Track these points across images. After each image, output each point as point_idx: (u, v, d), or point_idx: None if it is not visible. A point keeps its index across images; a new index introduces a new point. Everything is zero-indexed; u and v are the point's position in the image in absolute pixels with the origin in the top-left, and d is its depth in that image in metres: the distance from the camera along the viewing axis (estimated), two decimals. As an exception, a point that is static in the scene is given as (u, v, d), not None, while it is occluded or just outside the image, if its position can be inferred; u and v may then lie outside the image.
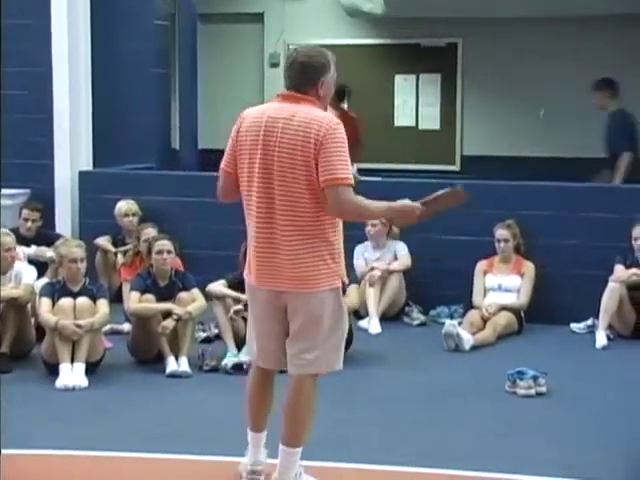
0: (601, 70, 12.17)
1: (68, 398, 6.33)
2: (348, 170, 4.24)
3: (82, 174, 9.74)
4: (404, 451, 5.20)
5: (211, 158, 11.91)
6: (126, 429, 5.72)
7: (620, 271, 8.03)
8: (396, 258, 8.73)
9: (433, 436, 5.52)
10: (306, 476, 4.63)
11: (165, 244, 7.25)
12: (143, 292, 7.14)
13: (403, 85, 12.79)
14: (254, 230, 4.37)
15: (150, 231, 8.25)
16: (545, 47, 12.39)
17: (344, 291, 4.51)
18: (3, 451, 4.72)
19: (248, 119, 4.42)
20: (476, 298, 8.33)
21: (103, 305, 6.90)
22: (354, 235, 8.68)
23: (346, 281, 4.49)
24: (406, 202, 4.48)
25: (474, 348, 7.65)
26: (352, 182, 4.25)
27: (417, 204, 4.45)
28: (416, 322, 8.61)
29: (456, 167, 13.29)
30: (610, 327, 7.99)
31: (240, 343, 7.13)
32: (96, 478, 4.98)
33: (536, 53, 12.45)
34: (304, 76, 4.35)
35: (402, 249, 8.75)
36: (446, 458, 5.12)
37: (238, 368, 6.86)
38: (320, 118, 4.25)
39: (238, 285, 7.31)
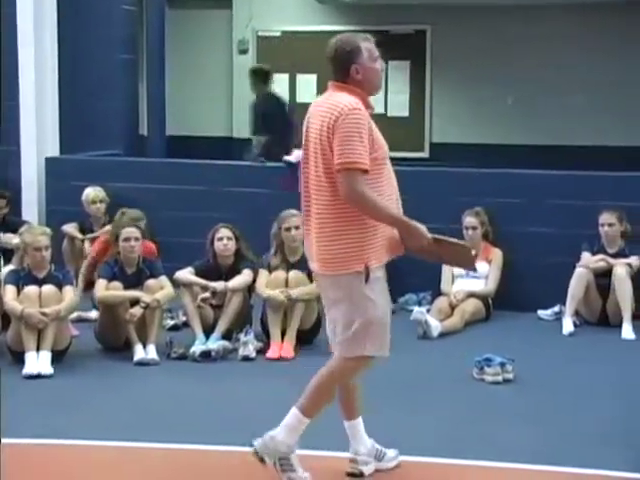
0: (570, 55, 12.28)
1: (35, 386, 6.28)
2: (359, 155, 4.26)
3: (49, 161, 9.66)
4: (374, 438, 5.19)
5: (179, 144, 11.96)
6: (94, 417, 5.69)
7: (587, 258, 8.08)
8: (365, 245, 8.72)
9: (402, 423, 5.53)
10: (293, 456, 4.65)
11: (132, 231, 7.21)
12: (111, 280, 7.10)
13: (372, 72, 12.78)
14: (306, 214, 4.54)
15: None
16: (513, 34, 12.43)
17: (367, 278, 4.39)
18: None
19: (309, 109, 4.60)
20: (444, 285, 8.36)
21: (69, 292, 6.85)
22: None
23: (370, 266, 4.37)
24: (419, 227, 4.42)
25: (442, 335, 7.67)
26: (363, 167, 4.28)
27: (429, 236, 4.43)
28: (384, 309, 8.60)
29: (425, 154, 13.32)
30: (577, 314, 8.05)
31: (208, 330, 7.12)
32: (68, 466, 4.95)
33: (505, 40, 12.49)
34: (334, 66, 4.50)
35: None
36: (414, 445, 5.12)
37: (206, 356, 6.84)
38: (338, 103, 4.34)
39: (206, 273, 7.31)
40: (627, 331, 7.72)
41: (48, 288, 6.76)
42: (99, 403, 5.99)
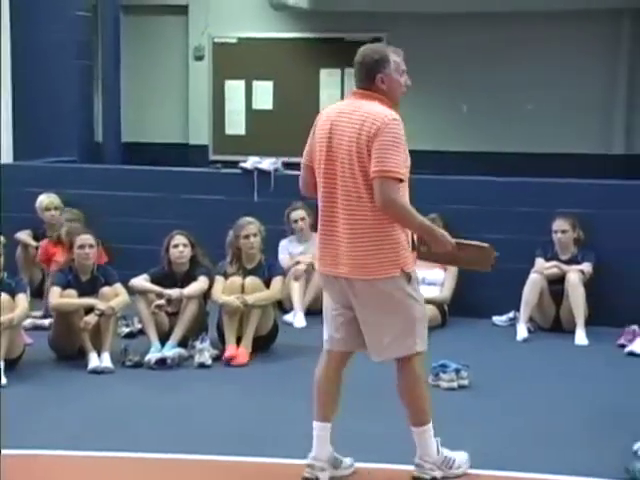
0: (524, 64, 12.39)
1: (-13, 395, 6.21)
2: (396, 165, 4.39)
3: (3, 167, 9.56)
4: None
5: (135, 151, 11.90)
6: (48, 427, 5.64)
7: (540, 264, 8.15)
8: (321, 252, 8.74)
9: (356, 428, 5.53)
10: (445, 449, 4.84)
11: (87, 238, 7.16)
12: (65, 287, 7.04)
13: (328, 79, 12.81)
14: (320, 221, 4.64)
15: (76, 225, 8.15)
16: (468, 42, 12.52)
17: (409, 279, 4.61)
18: None
19: (323, 116, 4.66)
20: (400, 292, 8.37)
21: (22, 300, 6.77)
22: (279, 229, 8.69)
23: (407, 271, 4.58)
24: (444, 233, 4.67)
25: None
26: (401, 177, 4.41)
27: (453, 241, 4.66)
28: (341, 316, 8.62)
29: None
30: (531, 320, 8.11)
31: (164, 338, 7.09)
32: (22, 477, 4.89)
33: (460, 48, 12.57)
34: (360, 74, 4.59)
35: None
36: (368, 450, 5.13)
37: (161, 363, 6.81)
38: (376, 113, 4.46)
39: (161, 280, 7.28)
40: (580, 337, 7.80)
41: (1, 296, 6.68)
42: (53, 412, 5.93)
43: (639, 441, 5.14)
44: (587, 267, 8.09)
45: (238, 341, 7.06)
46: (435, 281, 8.39)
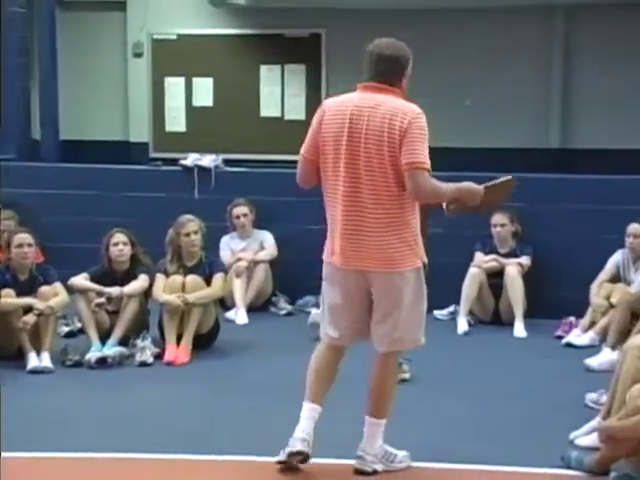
0: (460, 60, 12.49)
1: None
2: (426, 156, 4.55)
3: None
4: (271, 441, 5.20)
5: (73, 149, 11.77)
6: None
7: (480, 258, 8.25)
8: (263, 248, 8.75)
9: (294, 425, 5.54)
10: (388, 446, 4.90)
11: (25, 237, 7.08)
12: (3, 287, 6.96)
13: (268, 75, 12.77)
14: (341, 214, 4.59)
15: (9, 224, 8.07)
16: (408, 39, 12.55)
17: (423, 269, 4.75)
18: None
19: (331, 109, 4.64)
20: (342, 287, 8.41)
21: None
22: (221, 226, 8.68)
23: (426, 261, 4.75)
24: (471, 184, 4.80)
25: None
26: (429, 168, 4.56)
27: (481, 187, 4.78)
28: (283, 312, 8.65)
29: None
30: (471, 313, 8.21)
31: (104, 337, 7.04)
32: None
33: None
34: (393, 69, 4.69)
35: (268, 239, 8.78)
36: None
37: (102, 362, 6.77)
38: (404, 107, 4.58)
39: (101, 278, 7.23)
40: (519, 329, 7.91)
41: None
42: (-8, 413, 5.86)
43: (575, 430, 5.24)
44: (525, 260, 8.20)
45: (179, 339, 7.04)
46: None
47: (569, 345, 7.49)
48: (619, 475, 4.54)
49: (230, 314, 8.34)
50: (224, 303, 8.31)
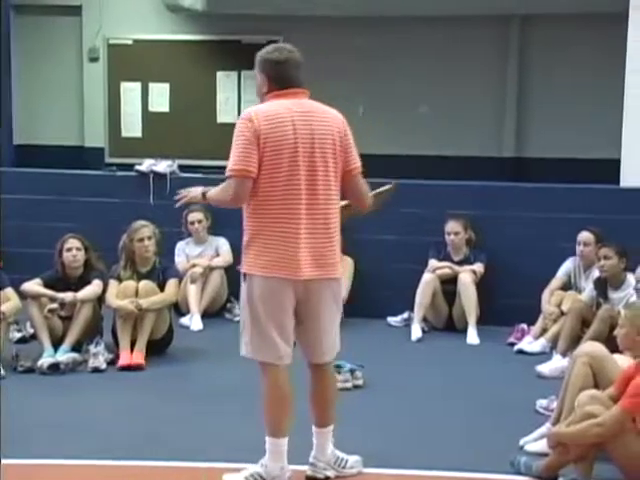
0: (417, 68, 12.59)
1: None
2: None
3: None
4: (225, 446, 5.21)
5: (28, 153, 11.69)
6: None
7: (433, 265, 8.30)
8: (218, 254, 8.75)
9: (250, 431, 5.54)
10: (339, 452, 4.89)
11: (-23, 243, 7.03)
12: (-46, 292, 6.90)
13: (225, 81, 12.77)
14: (304, 224, 4.48)
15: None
16: (364, 46, 12.63)
17: None
18: None
19: (266, 120, 4.45)
20: (296, 293, 8.43)
21: None
22: (176, 232, 8.67)
23: None
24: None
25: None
26: None
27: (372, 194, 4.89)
28: (238, 318, 8.57)
29: (278, 164, 13.38)
30: (424, 320, 8.25)
31: (57, 342, 7.00)
32: None
33: (355, 52, 12.67)
34: (298, 73, 4.64)
35: (224, 245, 8.77)
36: (258, 452, 5.15)
37: (54, 368, 6.72)
38: (334, 111, 4.67)
39: (54, 284, 7.18)
40: (472, 336, 7.97)
41: None
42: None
43: (525, 436, 5.29)
44: (479, 267, 8.27)
45: (133, 345, 7.01)
46: (331, 283, 8.46)
47: (521, 352, 7.56)
48: (567, 480, 4.60)
49: (185, 320, 8.32)
50: (179, 309, 8.30)
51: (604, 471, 4.71)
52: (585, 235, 7.87)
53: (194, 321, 8.24)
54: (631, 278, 7.06)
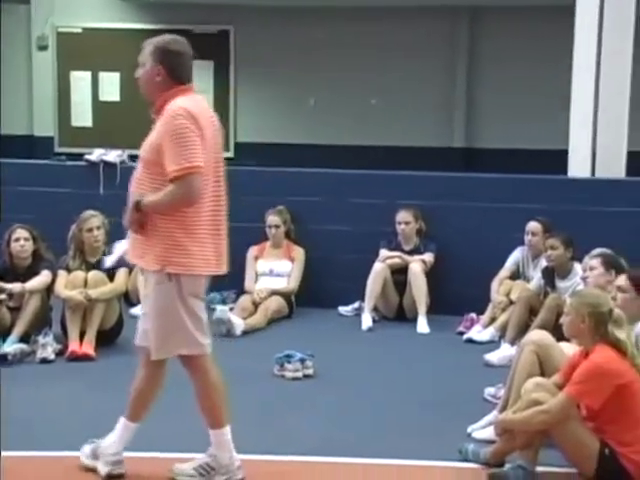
0: (369, 59, 12.63)
1: None
2: None
3: None
4: (171, 436, 5.20)
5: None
6: None
7: (384, 254, 8.34)
8: (168, 245, 8.71)
9: (200, 421, 5.54)
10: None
11: None
12: None
13: (176, 71, 12.73)
14: (222, 219, 4.53)
15: None
16: (315, 37, 12.66)
17: None
18: None
19: (199, 113, 4.43)
20: (248, 283, 8.45)
21: None
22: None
23: None
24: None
25: (245, 333, 7.75)
26: None
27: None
28: (189, 308, 8.62)
29: (230, 154, 13.38)
30: (375, 309, 8.30)
31: (5, 333, 6.93)
32: None
33: (307, 42, 12.70)
34: (191, 67, 4.58)
35: (174, 236, 8.73)
36: (209, 441, 5.15)
37: (2, 359, 6.66)
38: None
39: (2, 274, 7.12)
40: (422, 325, 8.03)
41: None
42: None
43: (473, 424, 5.35)
44: (429, 257, 8.33)
45: (82, 335, 6.97)
46: (282, 272, 8.49)
47: (470, 341, 7.63)
48: (513, 467, 4.65)
49: (135, 310, 8.25)
50: (129, 299, 8.25)
51: (549, 457, 4.78)
52: (533, 225, 7.96)
53: (144, 311, 8.20)
54: (578, 267, 7.14)
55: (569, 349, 5.21)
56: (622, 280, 5.25)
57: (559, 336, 5.26)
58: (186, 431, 5.11)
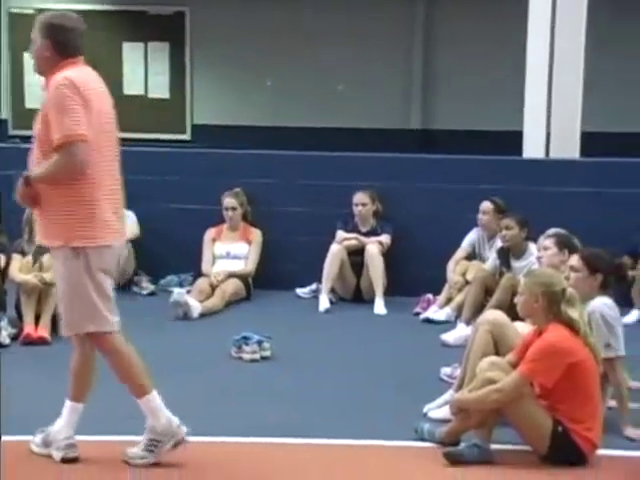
0: (329, 44, 12.61)
1: None
2: None
3: None
4: (126, 420, 5.18)
5: None
6: None
7: (341, 236, 8.35)
8: (124, 228, 8.67)
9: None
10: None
11: None
12: None
13: (131, 53, 12.63)
14: (118, 188, 4.57)
15: None
16: (272, 19, 12.61)
17: None
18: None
19: (86, 86, 4.42)
20: (205, 266, 8.43)
21: None
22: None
23: None
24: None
25: (203, 315, 7.74)
26: None
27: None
28: (146, 291, 8.60)
29: (187, 136, 13.32)
30: (333, 291, 8.32)
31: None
32: None
33: (263, 25, 12.66)
34: (80, 41, 4.60)
35: (130, 218, 8.65)
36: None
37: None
38: None
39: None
40: (379, 306, 8.06)
41: None
42: None
43: (429, 403, 5.39)
44: (385, 239, 8.36)
45: (38, 320, 6.92)
46: (240, 255, 8.48)
47: (427, 321, 7.67)
48: (468, 445, 4.70)
49: (91, 294, 8.22)
50: (85, 283, 8.19)
51: (504, 435, 4.83)
52: (485, 204, 8.02)
53: (101, 295, 8.15)
54: (533, 247, 7.20)
55: (524, 328, 5.25)
56: (575, 260, 5.30)
57: (514, 316, 5.31)
58: (139, 413, 5.09)
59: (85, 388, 4.74)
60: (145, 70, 12.66)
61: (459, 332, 7.01)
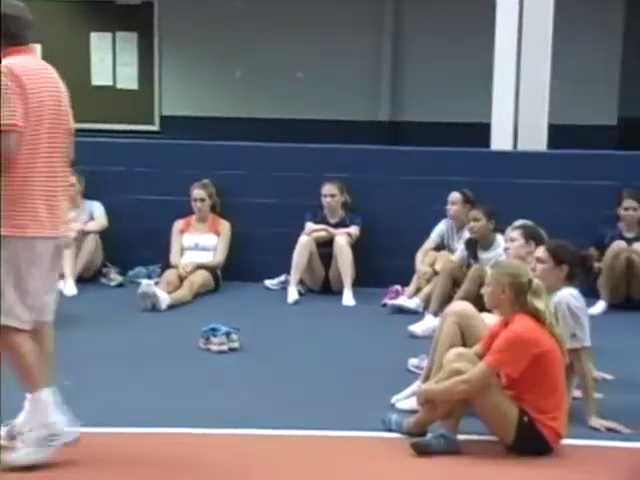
0: (298, 36, 12.59)
1: None
2: None
3: None
4: (93, 412, 5.16)
5: None
6: None
7: (310, 227, 8.36)
8: (92, 218, 8.64)
9: (124, 396, 5.53)
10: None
11: None
12: None
13: (99, 43, 12.56)
14: (61, 178, 4.49)
15: None
16: (242, 10, 12.58)
17: None
18: None
19: (28, 74, 4.35)
20: (173, 257, 8.41)
21: None
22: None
23: None
24: None
25: (171, 307, 7.72)
26: None
27: None
28: (114, 283, 8.57)
29: (155, 127, 13.26)
30: (301, 282, 8.32)
31: None
32: None
33: (232, 15, 12.62)
34: (28, 31, 4.60)
35: (98, 209, 8.66)
36: (135, 417, 5.14)
37: None
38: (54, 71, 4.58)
39: None
40: (348, 298, 8.08)
41: None
42: None
43: (397, 394, 5.41)
44: (354, 230, 8.37)
45: None
46: (208, 246, 8.47)
47: (397, 309, 7.68)
48: (435, 436, 4.72)
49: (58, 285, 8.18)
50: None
51: (471, 426, 4.85)
52: (454, 195, 8.07)
53: (67, 286, 8.12)
54: (500, 239, 7.23)
55: (491, 320, 5.27)
56: (541, 251, 5.34)
57: (481, 307, 5.33)
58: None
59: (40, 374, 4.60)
60: (113, 60, 12.60)
61: (427, 323, 7.03)
